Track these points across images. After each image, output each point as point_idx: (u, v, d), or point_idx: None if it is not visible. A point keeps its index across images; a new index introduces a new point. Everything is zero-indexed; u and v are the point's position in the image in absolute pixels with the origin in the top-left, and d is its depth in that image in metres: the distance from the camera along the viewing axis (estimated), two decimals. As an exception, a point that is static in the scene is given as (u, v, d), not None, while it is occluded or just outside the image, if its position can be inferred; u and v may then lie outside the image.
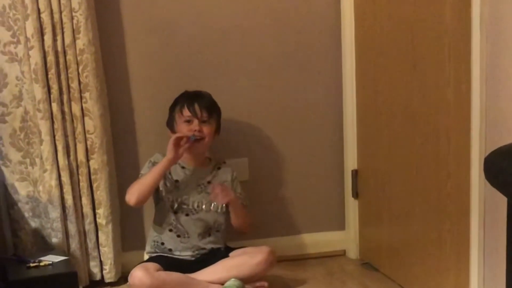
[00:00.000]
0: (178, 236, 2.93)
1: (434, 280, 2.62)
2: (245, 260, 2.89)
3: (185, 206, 2.93)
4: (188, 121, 2.90)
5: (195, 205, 2.94)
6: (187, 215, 2.93)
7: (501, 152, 1.68)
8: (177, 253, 2.93)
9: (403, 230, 2.85)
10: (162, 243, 2.94)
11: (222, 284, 2.83)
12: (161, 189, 2.93)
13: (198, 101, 2.90)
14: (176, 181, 2.94)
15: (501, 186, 1.66)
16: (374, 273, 3.10)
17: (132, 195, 2.86)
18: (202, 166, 3.00)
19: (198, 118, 2.89)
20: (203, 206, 2.95)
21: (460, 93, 2.33)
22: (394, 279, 2.95)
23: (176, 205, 2.93)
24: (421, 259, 2.71)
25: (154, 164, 2.92)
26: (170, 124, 2.96)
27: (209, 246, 2.96)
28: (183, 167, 2.97)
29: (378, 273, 3.09)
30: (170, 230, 2.93)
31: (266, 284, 2.91)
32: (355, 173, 3.23)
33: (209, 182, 2.97)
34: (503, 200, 1.73)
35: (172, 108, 2.96)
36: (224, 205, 2.98)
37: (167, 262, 2.87)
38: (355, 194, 3.25)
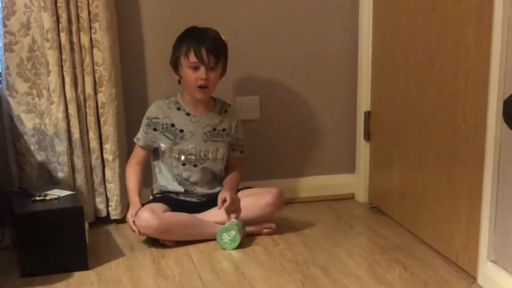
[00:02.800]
0: (186, 190, 2.89)
1: (443, 226, 2.58)
2: (253, 201, 2.86)
3: (192, 157, 2.86)
4: (195, 68, 2.78)
5: (202, 154, 2.88)
6: (195, 165, 2.88)
7: (522, 93, 1.62)
8: (182, 197, 2.90)
9: (414, 174, 2.81)
10: (168, 192, 2.90)
11: (230, 224, 2.81)
12: (163, 146, 2.87)
13: (206, 45, 2.76)
14: (181, 130, 2.86)
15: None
16: (382, 217, 3.07)
17: (126, 172, 2.94)
18: (207, 110, 2.90)
19: (205, 64, 2.77)
20: (210, 155, 2.89)
21: (481, 33, 2.26)
22: (403, 223, 2.93)
23: (183, 157, 2.87)
24: (431, 204, 2.67)
25: (152, 121, 2.85)
26: (175, 65, 2.84)
27: (216, 190, 2.92)
28: (188, 114, 2.88)
29: (387, 217, 3.06)
30: (179, 184, 2.89)
31: (273, 225, 2.89)
32: (367, 115, 3.18)
33: (214, 129, 2.89)
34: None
35: (176, 48, 2.83)
36: (226, 152, 2.93)
37: (174, 203, 2.84)
38: (367, 137, 3.20)
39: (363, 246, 2.78)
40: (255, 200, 2.86)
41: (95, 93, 2.90)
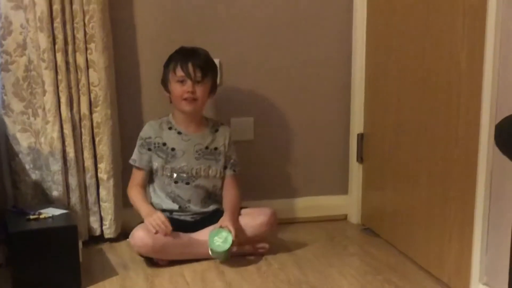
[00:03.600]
0: (180, 207, 2.90)
1: (436, 247, 2.60)
2: (247, 221, 2.87)
3: (184, 175, 2.88)
4: (181, 81, 2.82)
5: (194, 172, 2.89)
6: (187, 183, 2.89)
7: (513, 118, 1.65)
8: (177, 215, 2.90)
9: (407, 196, 2.83)
10: (163, 210, 2.90)
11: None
12: (155, 164, 2.88)
13: (193, 59, 2.81)
14: (173, 149, 2.88)
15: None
16: (375, 239, 3.09)
17: (128, 195, 2.91)
18: (199, 129, 2.92)
19: (192, 78, 2.81)
20: (202, 172, 2.91)
21: (473, 58, 2.29)
22: (395, 245, 2.94)
23: (175, 175, 2.88)
24: (423, 226, 2.69)
25: (146, 141, 2.87)
26: (164, 82, 2.89)
27: (210, 208, 2.93)
28: (179, 133, 2.90)
29: (379, 238, 3.07)
30: (173, 201, 2.90)
31: (267, 245, 2.90)
32: (360, 137, 3.20)
33: (207, 148, 2.91)
34: (511, 168, 1.70)
35: (166, 65, 2.87)
36: (222, 170, 2.94)
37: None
38: (360, 159, 3.22)
39: (355, 267, 2.79)
40: (248, 220, 2.87)
41: (91, 113, 2.92)
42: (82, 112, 2.90)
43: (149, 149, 2.87)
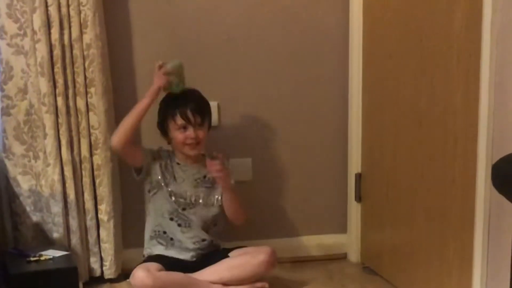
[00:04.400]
0: (179, 225, 2.91)
1: (435, 285, 2.60)
2: (246, 259, 2.88)
3: (182, 200, 2.91)
4: (183, 128, 2.86)
5: (193, 199, 2.92)
6: (184, 209, 2.92)
7: (509, 159, 1.67)
8: (178, 244, 2.91)
9: (406, 235, 2.84)
10: (164, 232, 2.92)
11: (224, 284, 2.83)
12: (159, 177, 2.91)
13: (190, 105, 2.85)
14: (174, 176, 2.93)
15: (509, 194, 1.65)
16: (374, 277, 3.09)
17: (114, 135, 2.82)
18: (197, 162, 2.96)
19: (192, 124, 2.86)
20: (200, 200, 2.94)
21: (468, 98, 2.32)
22: (395, 283, 2.95)
23: (173, 198, 2.91)
24: (423, 264, 2.70)
25: (159, 151, 2.93)
26: (162, 128, 2.93)
27: (209, 238, 2.95)
28: (178, 163, 2.95)
29: (379, 277, 3.08)
30: (171, 219, 2.92)
31: (266, 284, 2.90)
32: (358, 177, 3.23)
33: (205, 177, 2.95)
34: (509, 207, 1.73)
35: (162, 112, 2.91)
36: (220, 198, 2.97)
37: (168, 262, 2.86)
38: (358, 198, 3.24)
39: (356, 306, 2.80)
40: (248, 259, 2.88)
41: (91, 155, 2.95)
42: (82, 155, 2.93)
43: (154, 159, 2.92)
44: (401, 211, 2.86)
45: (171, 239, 2.92)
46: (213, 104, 3.02)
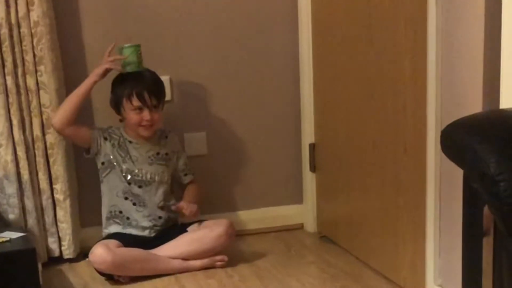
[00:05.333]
0: (134, 204, 2.92)
1: (390, 252, 2.65)
2: (204, 233, 2.90)
3: (137, 178, 2.91)
4: (138, 109, 2.85)
5: (148, 176, 2.93)
6: (140, 186, 2.92)
7: (458, 125, 1.70)
8: (134, 223, 2.92)
9: (360, 203, 2.88)
10: (120, 211, 2.93)
11: (184, 259, 2.86)
12: (111, 157, 2.90)
13: (146, 87, 2.84)
14: (120, 155, 2.92)
15: (458, 159, 1.68)
16: (331, 246, 3.13)
17: (54, 116, 2.84)
18: (148, 140, 2.96)
19: (149, 106, 2.86)
20: (156, 177, 2.94)
21: (416, 66, 2.35)
22: (351, 252, 2.99)
23: (129, 177, 2.91)
24: (377, 232, 2.74)
25: (109, 131, 2.93)
26: (116, 107, 2.91)
27: (165, 216, 2.96)
28: (130, 142, 2.94)
29: (336, 246, 3.12)
30: (126, 198, 2.92)
31: (226, 258, 2.93)
32: (312, 147, 3.25)
33: (158, 153, 2.96)
34: (459, 173, 1.76)
35: (117, 90, 2.89)
36: (180, 175, 3.03)
37: (127, 239, 2.86)
38: (313, 168, 3.27)
39: (314, 275, 2.83)
40: (206, 233, 2.90)
41: (43, 135, 2.92)
42: (35, 134, 2.90)
43: (106, 138, 2.91)
44: (355, 180, 2.90)
45: (127, 218, 2.92)
46: (165, 79, 3.01)
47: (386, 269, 2.70)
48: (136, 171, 2.91)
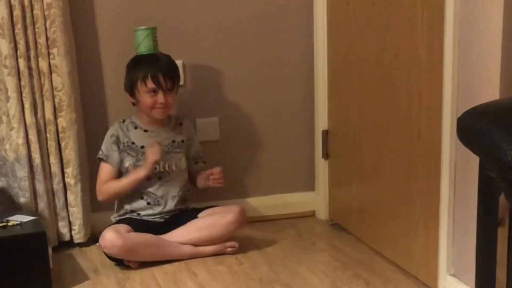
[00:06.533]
0: (148, 203, 2.91)
1: (402, 240, 2.63)
2: (215, 219, 2.88)
3: (155, 170, 2.89)
4: (153, 92, 2.83)
5: (166, 166, 2.91)
6: (159, 178, 2.90)
7: (475, 112, 1.68)
8: (146, 217, 2.91)
9: (373, 191, 2.86)
10: (132, 211, 2.92)
11: (194, 245, 2.85)
12: (127, 163, 2.89)
13: (162, 69, 2.82)
14: (142, 147, 2.89)
15: (474, 146, 1.66)
16: (343, 234, 3.12)
17: (102, 196, 2.93)
18: (162, 126, 2.95)
19: (163, 89, 2.84)
20: (174, 166, 2.92)
21: (433, 52, 2.32)
22: (363, 240, 2.97)
23: None
24: (390, 220, 2.72)
25: (117, 139, 2.89)
26: (131, 90, 2.89)
27: (179, 207, 2.95)
28: (145, 130, 2.92)
29: (347, 233, 3.10)
30: (141, 198, 2.91)
31: (236, 244, 2.92)
32: (325, 134, 3.23)
33: (173, 141, 2.94)
34: (474, 160, 1.74)
35: (132, 73, 2.87)
36: (191, 162, 3.00)
37: (137, 224, 2.85)
38: (325, 155, 3.25)
39: (325, 263, 2.81)
40: (217, 219, 2.88)
41: (55, 118, 2.91)
42: (46, 117, 2.89)
43: (118, 147, 2.89)
44: (368, 167, 2.88)
45: (138, 214, 2.92)
46: (178, 63, 2.98)
47: (398, 257, 2.68)
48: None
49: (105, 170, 2.91)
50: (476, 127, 1.63)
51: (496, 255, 1.70)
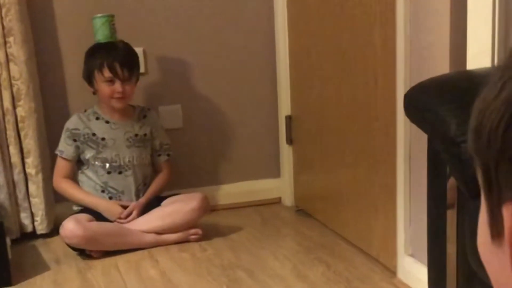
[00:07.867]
0: (110, 198, 2.88)
1: (363, 224, 2.63)
2: (178, 207, 2.87)
3: (115, 164, 2.87)
4: (110, 81, 2.80)
5: (127, 160, 2.88)
6: (120, 172, 2.88)
7: (420, 87, 1.67)
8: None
9: (335, 175, 2.85)
10: None
11: (157, 233, 2.83)
12: (88, 155, 2.87)
13: (118, 58, 2.79)
14: (103, 139, 2.87)
15: (420, 122, 1.65)
16: (308, 220, 3.11)
17: (58, 190, 2.94)
18: (126, 117, 2.92)
19: (120, 79, 2.80)
20: (135, 161, 2.90)
21: (386, 34, 2.31)
22: (327, 224, 2.97)
23: (108, 165, 2.87)
24: (352, 204, 2.72)
25: (72, 133, 2.86)
26: (88, 78, 2.85)
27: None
28: (107, 122, 2.89)
29: (312, 219, 3.10)
30: (102, 191, 2.89)
31: (200, 231, 2.90)
32: (288, 119, 3.22)
33: (136, 135, 2.91)
34: (426, 139, 1.73)
35: (89, 62, 2.84)
36: (156, 156, 2.97)
37: (99, 213, 2.83)
38: (289, 141, 3.24)
39: (288, 248, 2.81)
40: (180, 206, 2.86)
41: (14, 108, 2.87)
42: (5, 107, 2.86)
43: (75, 140, 2.85)
44: (330, 152, 2.87)
45: None
46: (138, 50, 2.96)
47: (360, 240, 2.68)
48: (113, 157, 2.87)
49: (61, 165, 2.89)
50: (421, 102, 1.62)
51: (446, 233, 1.70)
